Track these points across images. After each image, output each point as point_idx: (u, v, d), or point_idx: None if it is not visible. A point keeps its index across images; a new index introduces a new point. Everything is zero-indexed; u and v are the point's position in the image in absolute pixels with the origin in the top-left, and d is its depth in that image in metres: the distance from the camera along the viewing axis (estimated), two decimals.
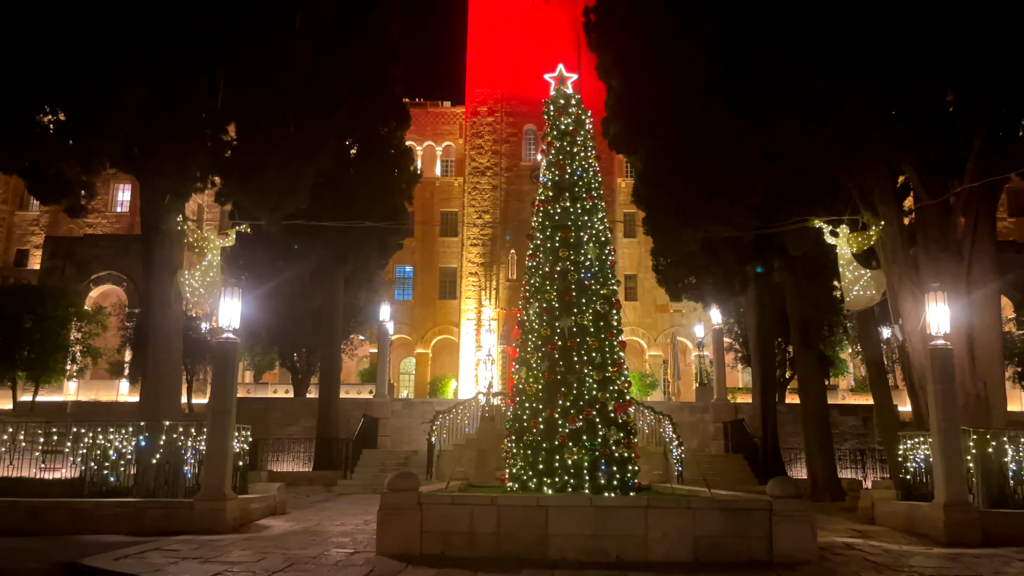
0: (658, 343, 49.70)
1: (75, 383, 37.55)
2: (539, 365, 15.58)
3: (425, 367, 51.40)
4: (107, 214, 47.50)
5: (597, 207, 16.58)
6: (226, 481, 13.13)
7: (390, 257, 30.03)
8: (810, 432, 21.95)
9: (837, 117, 12.52)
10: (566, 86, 17.31)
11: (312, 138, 15.35)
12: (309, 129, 15.27)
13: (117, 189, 48.50)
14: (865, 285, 14.93)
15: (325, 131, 15.78)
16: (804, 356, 22.11)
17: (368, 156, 28.35)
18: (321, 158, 15.82)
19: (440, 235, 52.69)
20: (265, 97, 14.20)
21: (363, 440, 26.35)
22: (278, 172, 14.78)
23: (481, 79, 51.42)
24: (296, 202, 15.55)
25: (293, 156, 14.98)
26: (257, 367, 44.23)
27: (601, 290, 15.96)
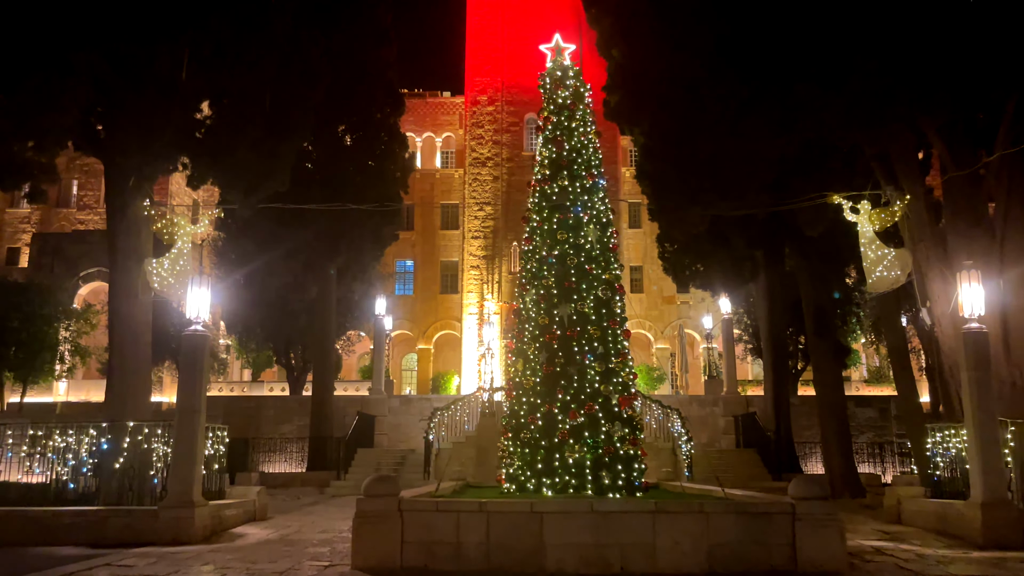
0: (665, 336, 48.58)
1: (65, 383, 36.57)
2: (536, 356, 14.44)
3: (427, 363, 50.37)
4: (99, 210, 46.45)
5: (598, 186, 15.42)
6: (194, 486, 12.02)
7: (385, 248, 28.92)
8: (827, 425, 20.76)
9: (860, 74, 11.32)
10: (563, 57, 16.15)
11: (289, 115, 14.25)
12: (286, 105, 14.16)
13: None
14: (889, 265, 13.74)
15: (304, 107, 14.67)
16: (819, 345, 20.91)
17: (360, 143, 27.29)
18: (300, 136, 14.71)
19: (441, 228, 51.63)
20: (234, 69, 13.07)
21: (358, 439, 25.26)
22: (251, 151, 13.66)
23: (481, 68, 50.27)
24: (274, 184, 14.46)
25: (268, 134, 13.86)
26: (255, 365, 43.33)
27: (603, 275, 14.80)
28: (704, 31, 13.43)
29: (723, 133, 13.55)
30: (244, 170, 13.73)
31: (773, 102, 12.65)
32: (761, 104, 12.84)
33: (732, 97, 13.20)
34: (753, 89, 12.86)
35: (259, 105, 13.78)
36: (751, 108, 12.99)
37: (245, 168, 13.71)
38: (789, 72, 12.34)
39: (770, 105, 12.71)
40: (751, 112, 13.00)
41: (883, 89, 11.42)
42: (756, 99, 12.87)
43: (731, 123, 13.32)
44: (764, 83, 12.72)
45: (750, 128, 13.07)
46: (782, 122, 12.82)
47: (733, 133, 13.31)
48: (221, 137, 13.53)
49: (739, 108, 13.15)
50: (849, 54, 11.50)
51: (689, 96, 14.10)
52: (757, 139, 13.23)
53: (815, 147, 14.70)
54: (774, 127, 12.94)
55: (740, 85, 12.98)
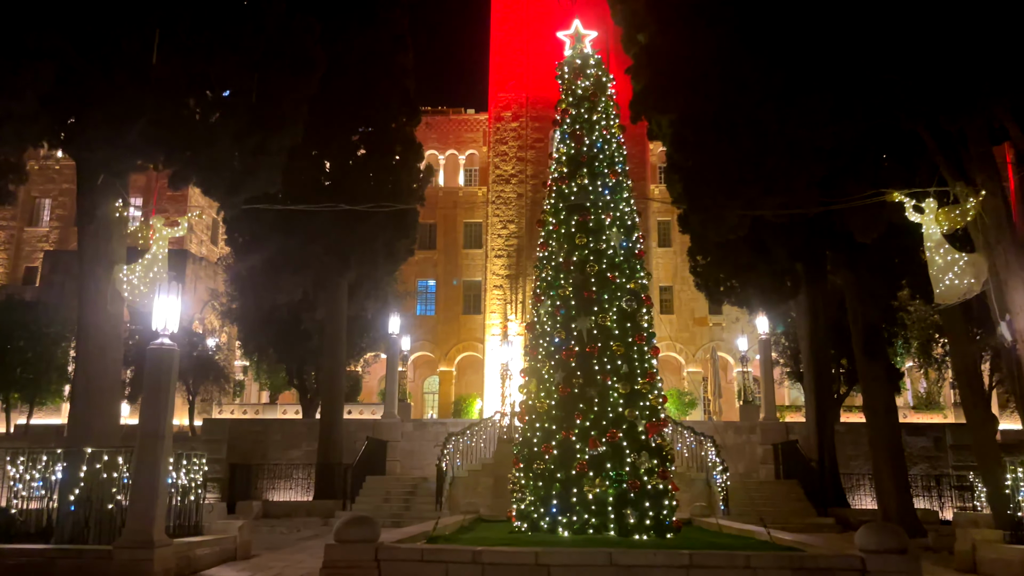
0: (697, 359, 46.42)
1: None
2: (552, 376, 12.74)
3: (449, 386, 48.72)
4: None
5: (622, 185, 13.76)
6: (155, 523, 10.44)
7: (399, 263, 27.43)
8: (880, 456, 18.70)
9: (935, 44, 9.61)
10: (584, 44, 14.60)
11: (279, 107, 12.84)
12: (276, 96, 12.77)
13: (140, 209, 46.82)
14: (961, 272, 11.89)
15: (295, 99, 13.26)
16: (870, 367, 18.92)
17: (374, 153, 25.91)
18: (291, 131, 13.27)
19: (464, 247, 50.20)
20: (214, 54, 11.70)
21: (367, 466, 23.63)
22: (234, 145, 12.26)
23: (505, 83, 49.03)
24: (260, 183, 13.03)
25: (254, 127, 12.46)
26: (272, 387, 42.00)
27: (627, 284, 13.10)
28: (744, 2, 11.79)
29: (768, 118, 11.86)
30: (223, 166, 12.30)
31: (828, 81, 10.95)
32: (813, 85, 11.15)
33: (779, 69, 11.49)
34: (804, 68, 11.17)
35: (244, 95, 12.39)
36: (801, 89, 11.30)
37: (224, 164, 12.29)
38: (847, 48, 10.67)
39: (824, 85, 11.02)
40: (801, 94, 11.30)
41: (963, 65, 9.69)
42: (807, 79, 11.18)
43: (777, 107, 11.63)
44: (817, 60, 11.03)
45: (800, 113, 11.36)
46: (838, 106, 11.11)
47: (780, 118, 11.61)
48: (199, 129, 12.13)
49: (786, 90, 11.45)
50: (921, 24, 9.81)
51: (727, 77, 12.42)
52: (809, 125, 11.51)
53: (869, 142, 12.92)
54: (828, 112, 11.23)
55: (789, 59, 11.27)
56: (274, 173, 13.22)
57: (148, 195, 45.04)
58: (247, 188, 12.84)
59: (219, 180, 12.47)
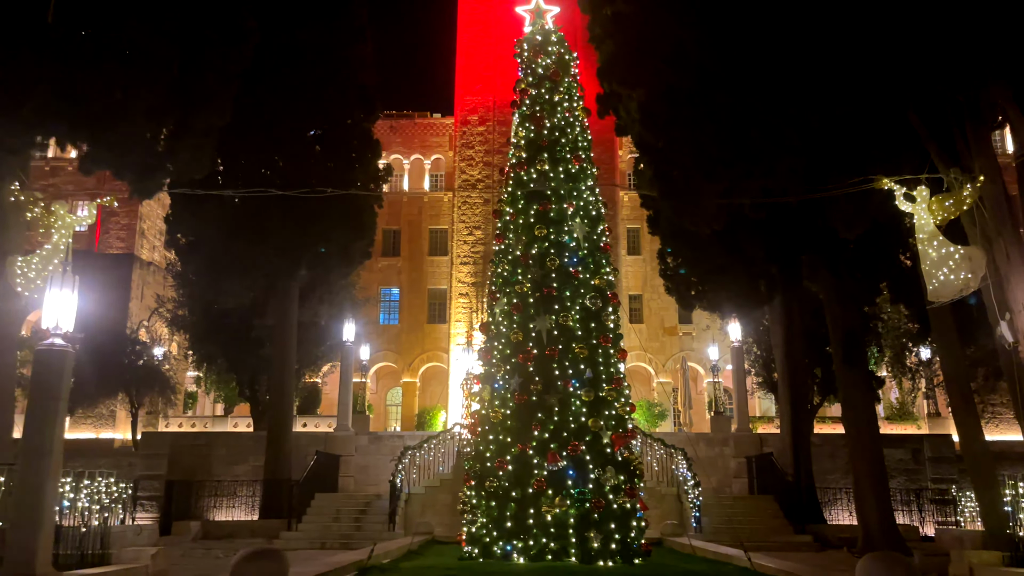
0: (667, 369, 45.38)
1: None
2: (508, 382, 11.43)
3: (412, 397, 47.16)
4: None
5: (586, 172, 12.53)
6: (39, 554, 8.90)
7: (355, 266, 25.99)
8: (860, 469, 17.62)
9: None
10: (545, 20, 13.40)
11: (204, 80, 11.44)
12: (201, 69, 11.37)
13: (76, 206, 44.77)
14: (956, 267, 10.75)
15: (223, 73, 11.86)
16: (850, 375, 17.87)
17: (329, 149, 24.49)
18: (217, 108, 11.86)
19: (429, 254, 48.83)
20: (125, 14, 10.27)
21: (316, 482, 22.08)
22: (148, 121, 10.84)
23: (471, 87, 47.88)
24: (180, 167, 11.59)
25: (173, 101, 11.04)
26: (226, 399, 40.14)
27: (592, 280, 11.84)
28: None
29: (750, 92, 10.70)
30: (133, 145, 10.86)
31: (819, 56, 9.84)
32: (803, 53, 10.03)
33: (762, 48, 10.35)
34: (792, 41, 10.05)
35: (163, 67, 10.97)
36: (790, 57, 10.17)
37: (135, 143, 10.85)
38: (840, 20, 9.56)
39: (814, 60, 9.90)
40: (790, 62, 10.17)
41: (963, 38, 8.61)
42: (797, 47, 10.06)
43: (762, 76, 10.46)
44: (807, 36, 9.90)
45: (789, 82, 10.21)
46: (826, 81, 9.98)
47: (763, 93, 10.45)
48: (108, 102, 10.69)
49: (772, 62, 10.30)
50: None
51: (708, 42, 11.24)
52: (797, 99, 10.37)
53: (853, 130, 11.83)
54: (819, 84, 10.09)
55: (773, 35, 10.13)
56: (200, 157, 11.82)
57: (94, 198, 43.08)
58: (164, 172, 11.40)
59: (128, 161, 11.02)
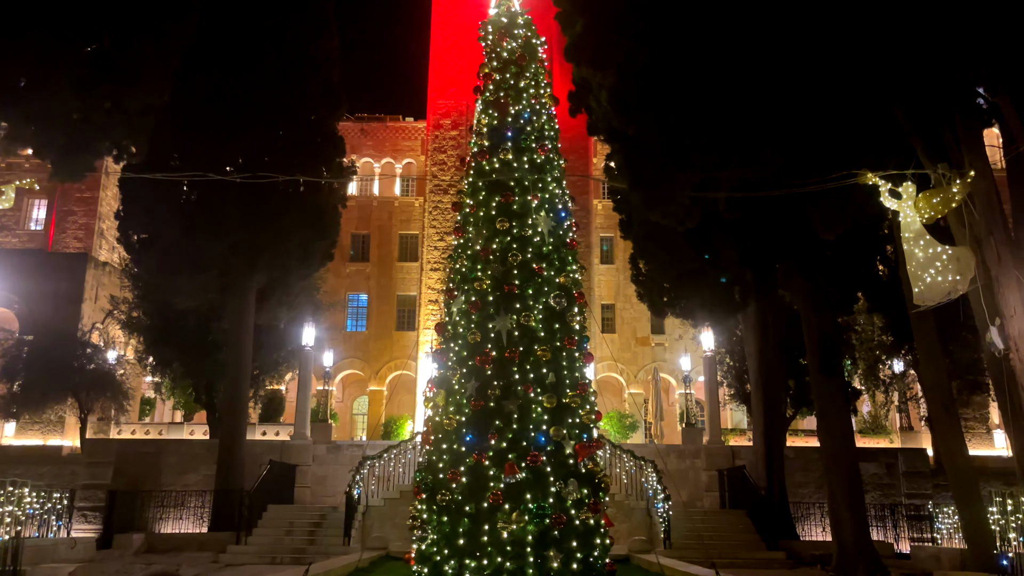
0: (638, 380, 44.75)
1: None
2: (463, 386, 10.54)
3: (379, 406, 46.08)
4: (18, 232, 42.24)
5: (552, 163, 11.68)
6: None
7: (316, 267, 24.98)
8: (836, 484, 16.95)
9: None
10: (510, 2, 12.61)
11: (139, 55, 10.51)
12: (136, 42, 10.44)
13: (32, 205, 43.33)
14: (943, 268, 10.10)
15: (162, 47, 10.93)
16: (826, 385, 17.23)
17: (291, 146, 23.49)
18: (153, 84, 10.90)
19: (398, 260, 47.90)
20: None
21: (270, 492, 21.02)
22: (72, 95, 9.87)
23: (444, 90, 47.22)
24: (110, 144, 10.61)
25: (103, 77, 10.08)
26: (185, 406, 38.81)
27: (557, 277, 10.97)
28: None
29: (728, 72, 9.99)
30: (59, 120, 9.90)
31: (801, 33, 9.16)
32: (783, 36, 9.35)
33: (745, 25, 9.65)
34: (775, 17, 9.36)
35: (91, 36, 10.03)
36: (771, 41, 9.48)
37: (61, 118, 9.89)
38: None
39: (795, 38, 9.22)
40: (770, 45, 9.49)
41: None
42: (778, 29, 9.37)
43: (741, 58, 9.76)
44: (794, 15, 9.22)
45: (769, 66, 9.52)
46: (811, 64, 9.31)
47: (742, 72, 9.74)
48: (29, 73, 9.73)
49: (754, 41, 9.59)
50: None
51: (682, 22, 10.53)
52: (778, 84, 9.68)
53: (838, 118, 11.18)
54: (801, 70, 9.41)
55: None
56: (134, 136, 10.86)
57: (51, 195, 41.65)
58: (92, 153, 10.41)
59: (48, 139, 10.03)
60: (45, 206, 42.57)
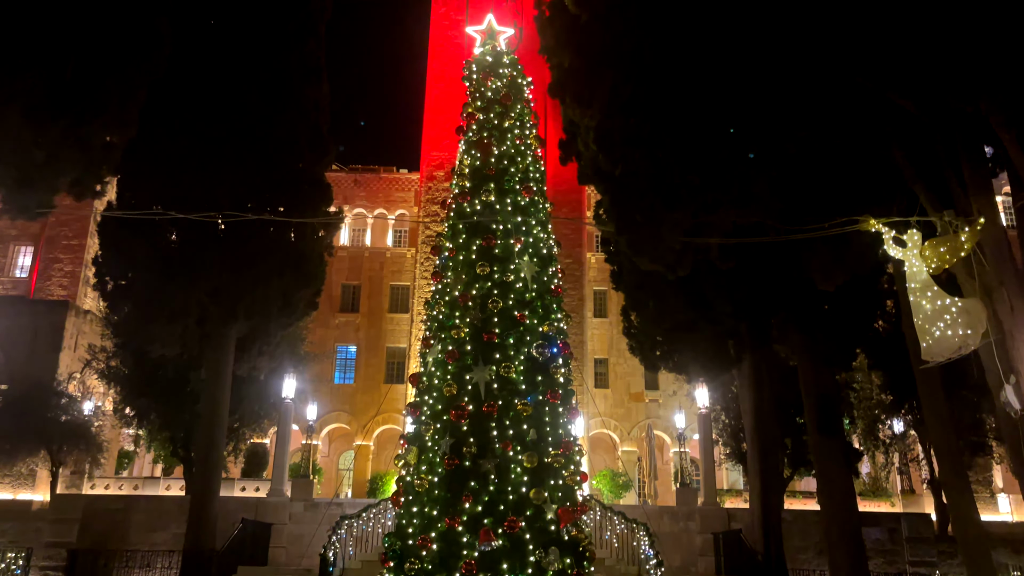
0: (632, 437, 43.72)
1: None
2: (437, 443, 9.77)
3: (365, 462, 44.83)
4: (2, 278, 41.57)
5: (537, 205, 11.12)
6: None
7: (299, 317, 24.21)
8: (837, 550, 16.03)
9: None
10: (497, 41, 12.22)
11: (101, 87, 9.98)
12: (101, 75, 9.93)
13: (18, 252, 42.73)
14: (953, 321, 9.43)
15: (128, 80, 10.39)
16: (825, 445, 16.44)
17: (276, 192, 22.98)
18: (116, 117, 10.35)
19: (389, 311, 47.22)
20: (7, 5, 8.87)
21: (241, 553, 19.92)
22: (25, 123, 9.28)
23: (438, 141, 47.26)
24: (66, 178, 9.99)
25: (57, 110, 9.49)
26: (166, 459, 37.65)
27: (540, 326, 10.30)
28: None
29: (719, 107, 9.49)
30: (10, 152, 9.30)
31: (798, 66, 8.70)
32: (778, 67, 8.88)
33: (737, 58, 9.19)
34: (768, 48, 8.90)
35: (49, 63, 9.51)
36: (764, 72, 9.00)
37: (12, 150, 9.29)
38: None
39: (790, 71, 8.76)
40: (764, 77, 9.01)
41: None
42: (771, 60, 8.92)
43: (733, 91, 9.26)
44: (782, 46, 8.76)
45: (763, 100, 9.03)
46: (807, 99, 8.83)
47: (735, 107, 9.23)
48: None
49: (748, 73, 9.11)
50: None
51: (674, 49, 10.07)
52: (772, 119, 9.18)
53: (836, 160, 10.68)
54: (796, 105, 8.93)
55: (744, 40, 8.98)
56: (96, 172, 10.25)
57: (37, 242, 41.13)
58: (47, 185, 9.80)
59: (5, 170, 9.42)
60: (31, 253, 42.01)
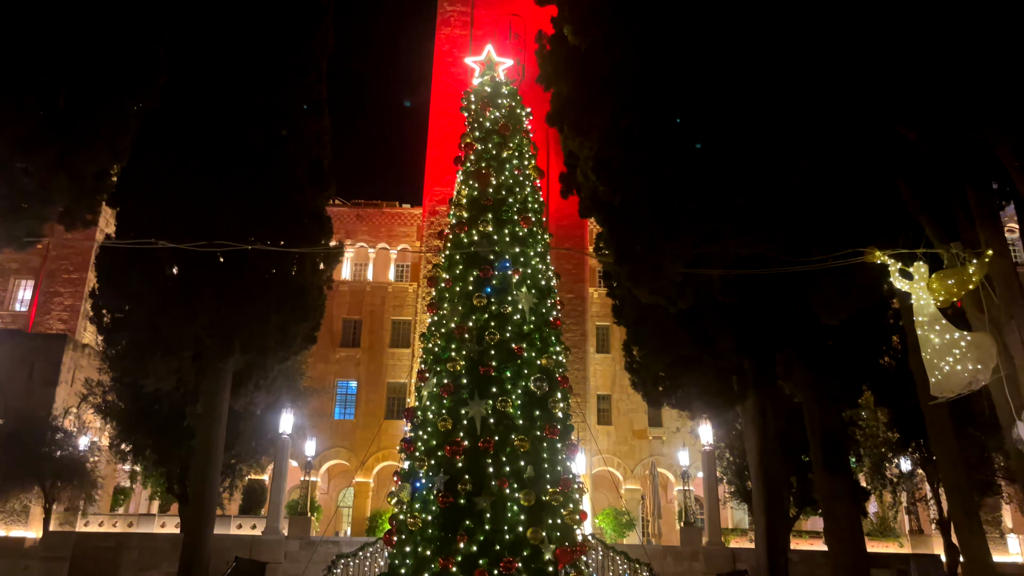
0: (635, 475, 43.09)
1: None
2: (431, 480, 9.47)
3: (365, 499, 44.18)
4: (1, 312, 41.42)
5: (536, 236, 10.94)
6: None
7: (296, 350, 23.95)
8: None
9: None
10: (495, 72, 12.15)
11: (93, 115, 9.87)
12: (92, 103, 9.81)
13: (18, 285, 42.61)
14: (962, 356, 9.16)
15: (121, 108, 10.27)
16: (832, 484, 16.05)
17: (276, 225, 22.88)
18: (108, 149, 10.22)
19: (390, 346, 46.92)
20: None
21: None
22: (16, 152, 9.15)
23: (441, 176, 47.41)
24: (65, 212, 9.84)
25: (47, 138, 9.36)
26: (163, 496, 37.10)
27: (538, 359, 10.04)
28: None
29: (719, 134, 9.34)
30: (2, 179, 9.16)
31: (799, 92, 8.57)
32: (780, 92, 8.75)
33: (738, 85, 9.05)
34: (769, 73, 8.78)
35: (41, 91, 9.39)
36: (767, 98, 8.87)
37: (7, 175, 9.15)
38: None
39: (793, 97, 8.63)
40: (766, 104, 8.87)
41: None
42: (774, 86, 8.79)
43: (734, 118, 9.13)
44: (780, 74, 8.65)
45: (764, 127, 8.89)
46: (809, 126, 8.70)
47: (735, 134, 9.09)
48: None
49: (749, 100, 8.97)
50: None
51: (669, 79, 9.95)
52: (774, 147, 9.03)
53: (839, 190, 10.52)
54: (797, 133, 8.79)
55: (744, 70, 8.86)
56: (87, 201, 10.11)
57: (37, 276, 41.06)
58: (36, 213, 9.65)
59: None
60: (31, 286, 41.89)
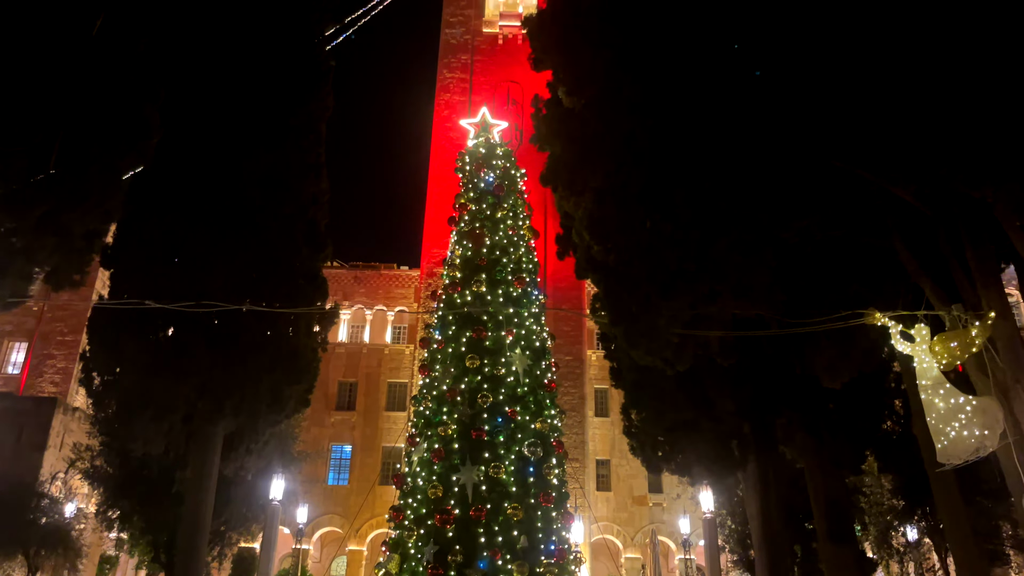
0: (635, 543, 42.11)
1: None
2: (420, 550, 9.07)
3: (358, 568, 43.09)
4: None
5: (530, 297, 10.79)
6: None
7: (288, 413, 23.50)
8: None
9: None
10: (490, 134, 12.16)
11: (83, 174, 9.77)
12: (83, 161, 9.76)
13: (11, 348, 42.34)
14: (968, 421, 8.90)
15: (110, 168, 10.19)
16: (836, 554, 15.55)
17: (270, 286, 22.72)
18: (98, 209, 10.10)
19: (386, 409, 46.38)
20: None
21: None
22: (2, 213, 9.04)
23: (439, 239, 47.64)
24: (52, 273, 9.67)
25: (42, 196, 9.28)
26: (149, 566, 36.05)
27: (533, 423, 9.76)
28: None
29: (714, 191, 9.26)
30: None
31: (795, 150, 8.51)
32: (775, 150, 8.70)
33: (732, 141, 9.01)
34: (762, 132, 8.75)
35: (30, 148, 9.32)
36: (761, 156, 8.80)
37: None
38: None
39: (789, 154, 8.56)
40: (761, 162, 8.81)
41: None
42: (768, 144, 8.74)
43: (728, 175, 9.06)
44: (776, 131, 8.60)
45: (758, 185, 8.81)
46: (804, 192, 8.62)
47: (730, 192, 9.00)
48: None
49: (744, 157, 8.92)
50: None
51: (662, 137, 9.92)
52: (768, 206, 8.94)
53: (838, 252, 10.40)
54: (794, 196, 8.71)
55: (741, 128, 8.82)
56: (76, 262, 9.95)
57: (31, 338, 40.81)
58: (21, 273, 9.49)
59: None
60: (24, 349, 41.60)
